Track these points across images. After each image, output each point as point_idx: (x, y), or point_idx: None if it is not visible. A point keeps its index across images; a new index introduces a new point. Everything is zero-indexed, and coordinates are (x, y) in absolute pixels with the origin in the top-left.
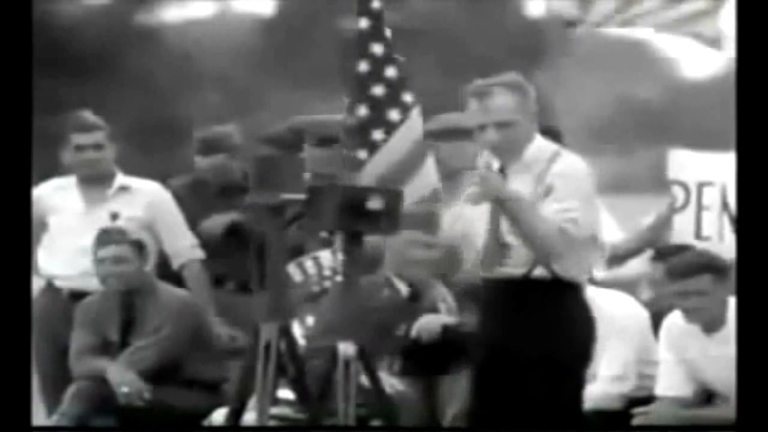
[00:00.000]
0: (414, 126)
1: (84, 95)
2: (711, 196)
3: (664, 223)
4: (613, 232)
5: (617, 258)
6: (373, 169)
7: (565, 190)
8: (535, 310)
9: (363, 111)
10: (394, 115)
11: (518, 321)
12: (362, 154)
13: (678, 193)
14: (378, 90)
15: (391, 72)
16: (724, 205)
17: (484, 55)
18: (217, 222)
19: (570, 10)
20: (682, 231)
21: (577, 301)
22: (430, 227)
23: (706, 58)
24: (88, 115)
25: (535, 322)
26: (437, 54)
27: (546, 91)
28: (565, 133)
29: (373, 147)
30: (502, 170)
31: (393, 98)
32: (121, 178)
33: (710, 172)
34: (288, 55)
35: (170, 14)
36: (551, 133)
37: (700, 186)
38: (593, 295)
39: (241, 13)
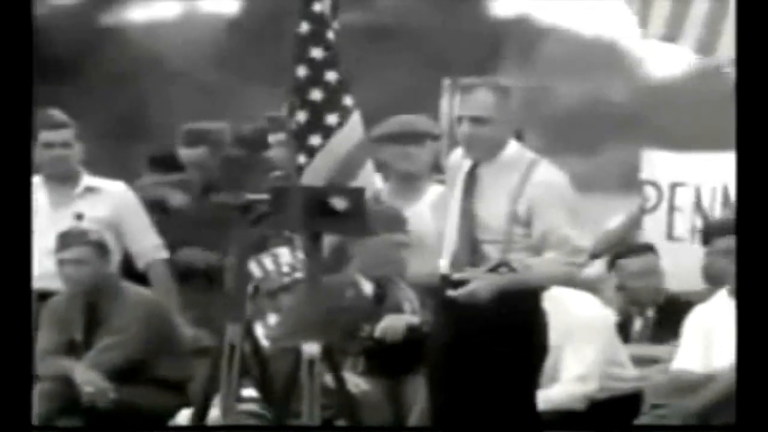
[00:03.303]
0: (354, 129)
1: (50, 95)
2: (684, 197)
3: (633, 224)
4: None
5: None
6: (311, 174)
7: (548, 216)
8: (492, 309)
9: (302, 116)
10: (332, 119)
11: (475, 320)
12: (301, 159)
13: (650, 193)
14: (317, 95)
15: (331, 76)
16: (697, 206)
17: (452, 55)
18: (198, 257)
19: None
20: (652, 231)
21: (533, 300)
22: (398, 227)
23: (674, 58)
24: (57, 113)
25: (492, 321)
26: (406, 52)
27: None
28: (527, 132)
29: (311, 152)
30: (474, 167)
31: (332, 102)
32: (86, 179)
33: (684, 173)
34: (258, 54)
35: (137, 14)
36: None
37: (673, 186)
38: (558, 296)
39: (207, 13)
